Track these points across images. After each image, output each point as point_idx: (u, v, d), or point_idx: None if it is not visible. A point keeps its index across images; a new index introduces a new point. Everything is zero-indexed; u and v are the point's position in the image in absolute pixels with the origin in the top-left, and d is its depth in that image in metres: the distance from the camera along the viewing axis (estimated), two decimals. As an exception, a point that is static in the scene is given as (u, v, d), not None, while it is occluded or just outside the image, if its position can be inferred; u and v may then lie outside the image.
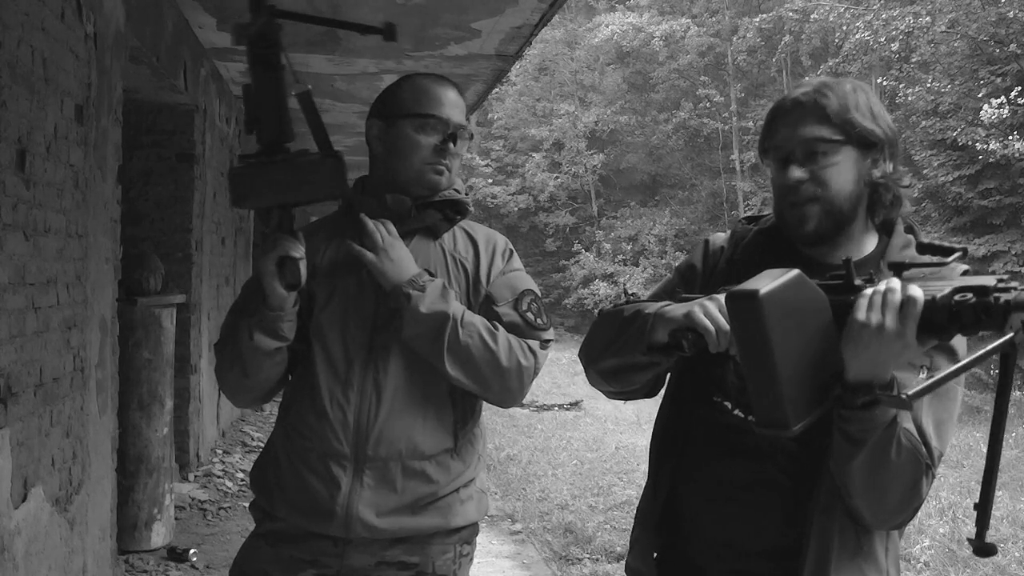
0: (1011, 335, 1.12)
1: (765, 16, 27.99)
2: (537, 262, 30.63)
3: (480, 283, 1.89)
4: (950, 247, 1.40)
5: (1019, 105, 15.65)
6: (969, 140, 16.49)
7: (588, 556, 5.33)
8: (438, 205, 1.90)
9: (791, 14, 26.40)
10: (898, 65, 20.25)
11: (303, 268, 1.73)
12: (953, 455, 8.99)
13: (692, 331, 1.37)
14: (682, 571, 1.57)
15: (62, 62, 3.20)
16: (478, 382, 1.80)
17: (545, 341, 1.88)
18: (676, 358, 1.47)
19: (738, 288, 1.24)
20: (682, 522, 1.57)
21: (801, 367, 1.24)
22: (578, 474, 7.87)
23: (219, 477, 6.36)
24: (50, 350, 3.15)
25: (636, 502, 1.73)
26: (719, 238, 1.68)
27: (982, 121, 16.17)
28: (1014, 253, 16.57)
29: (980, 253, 16.64)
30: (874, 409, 1.26)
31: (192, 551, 4.71)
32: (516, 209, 31.62)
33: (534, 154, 32.22)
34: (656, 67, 30.80)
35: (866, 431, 1.28)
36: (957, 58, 18.46)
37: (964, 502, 6.71)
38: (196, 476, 6.25)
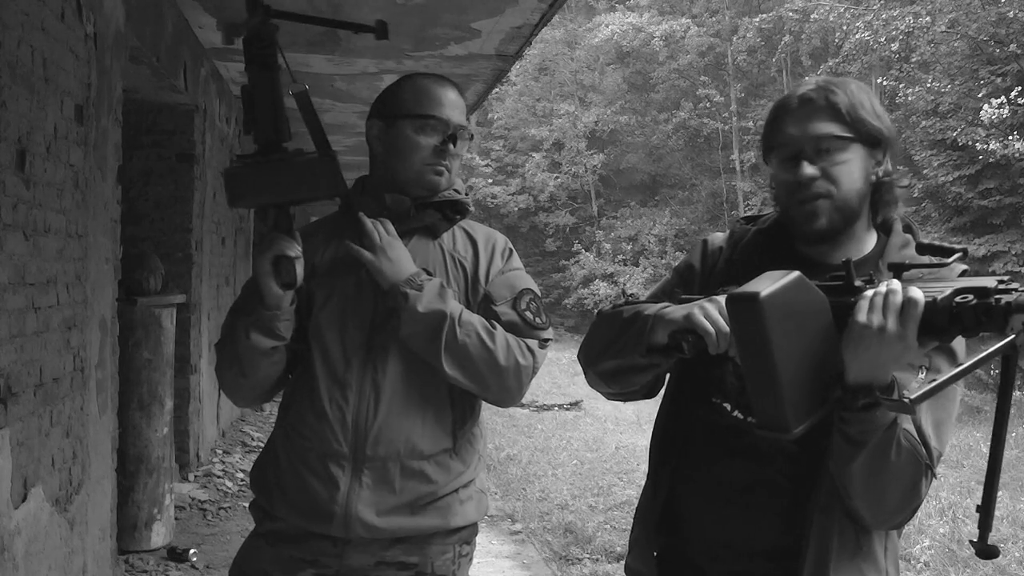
0: (1012, 337, 1.12)
1: (765, 16, 28.00)
2: (537, 262, 30.63)
3: (479, 282, 1.89)
4: (950, 248, 1.40)
5: (1019, 105, 15.65)
6: (969, 140, 16.49)
7: (588, 556, 5.33)
8: (438, 205, 1.90)
9: (791, 14, 26.40)
10: (898, 65, 20.25)
11: (299, 267, 1.74)
12: (953, 455, 8.99)
13: (692, 333, 1.37)
14: (682, 572, 1.57)
15: (62, 62, 3.20)
16: (476, 381, 1.80)
17: (544, 340, 1.88)
18: (675, 359, 1.47)
19: (739, 290, 1.24)
20: (682, 523, 1.57)
21: (801, 369, 1.24)
22: (578, 474, 7.87)
23: (219, 477, 6.36)
24: (50, 350, 3.15)
25: (636, 502, 1.73)
26: (717, 238, 1.68)
27: (982, 121, 16.17)
28: (1014, 253, 16.58)
29: (980, 253, 16.64)
30: (874, 411, 1.26)
31: (192, 551, 4.71)
32: (516, 209, 31.63)
33: (534, 154, 32.23)
34: (656, 67, 30.81)
35: (866, 432, 1.28)
36: (957, 58, 18.46)
37: (964, 502, 6.71)
38: (196, 476, 6.25)
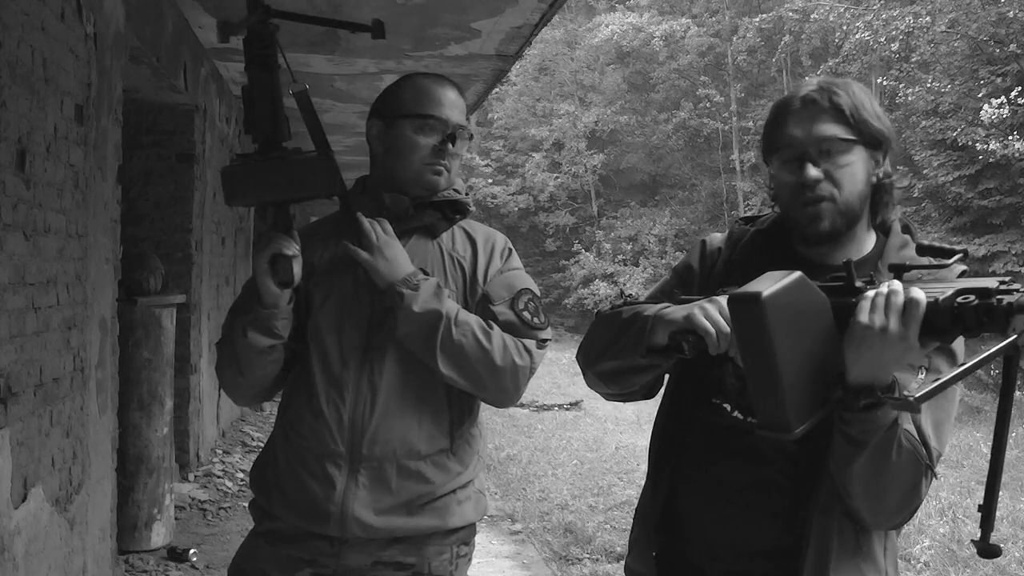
0: (1014, 337, 1.12)
1: (765, 16, 27.99)
2: (537, 262, 30.63)
3: (477, 282, 1.89)
4: (950, 249, 1.40)
5: (1019, 105, 15.65)
6: (969, 140, 16.49)
7: (588, 556, 5.33)
8: (437, 205, 1.90)
9: (791, 14, 26.40)
10: (898, 65, 20.24)
11: (297, 266, 1.74)
12: (953, 455, 8.99)
13: (692, 333, 1.37)
14: (682, 572, 1.57)
15: (62, 62, 3.20)
16: (472, 381, 1.80)
17: (542, 340, 1.87)
18: (675, 360, 1.47)
19: (740, 290, 1.24)
20: (681, 523, 1.57)
21: (803, 369, 1.24)
22: (578, 474, 7.87)
23: (219, 477, 6.36)
24: (50, 350, 3.14)
25: (636, 502, 1.73)
26: (716, 239, 1.68)
27: (982, 121, 16.18)
28: (1014, 253, 16.58)
29: (980, 253, 16.65)
30: (875, 411, 1.26)
31: (192, 551, 4.71)
32: (516, 209, 31.63)
33: (534, 154, 32.23)
34: (656, 67, 30.81)
35: (867, 433, 1.28)
36: (957, 58, 18.46)
37: (964, 502, 6.71)
38: (196, 476, 6.25)
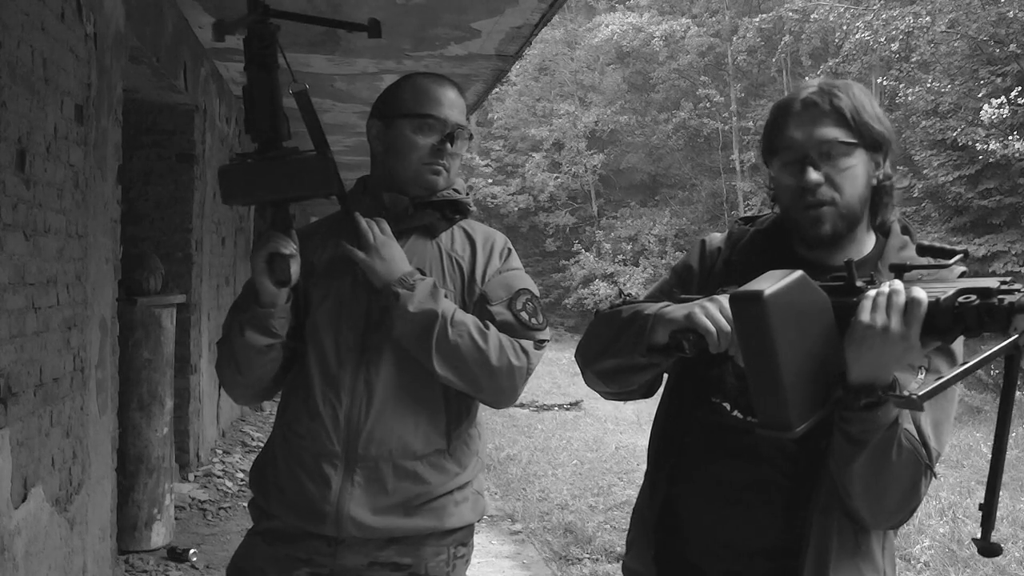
0: (1015, 337, 1.12)
1: (765, 16, 28.00)
2: (537, 262, 30.64)
3: (475, 282, 1.88)
4: (951, 249, 1.40)
5: (1019, 105, 15.65)
6: (969, 140, 16.50)
7: (588, 556, 5.33)
8: (437, 204, 1.90)
9: (791, 14, 26.40)
10: (898, 65, 20.25)
11: (295, 265, 1.75)
12: (953, 455, 8.99)
13: (693, 332, 1.37)
14: (681, 571, 1.57)
15: (62, 62, 3.20)
16: (468, 381, 1.79)
17: (540, 341, 1.86)
18: (675, 359, 1.47)
19: (742, 289, 1.24)
20: (680, 523, 1.57)
21: (804, 368, 1.24)
22: (578, 474, 7.87)
23: (219, 477, 6.36)
24: (50, 350, 3.14)
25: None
26: (716, 238, 1.68)
27: (982, 121, 16.18)
28: (1014, 253, 16.58)
29: (980, 253, 16.66)
30: (876, 410, 1.26)
31: (192, 551, 4.71)
32: (516, 209, 31.64)
33: (534, 154, 32.24)
34: (656, 67, 30.82)
35: (868, 432, 1.28)
36: (957, 58, 18.46)
37: (964, 502, 6.71)
38: (196, 476, 6.25)
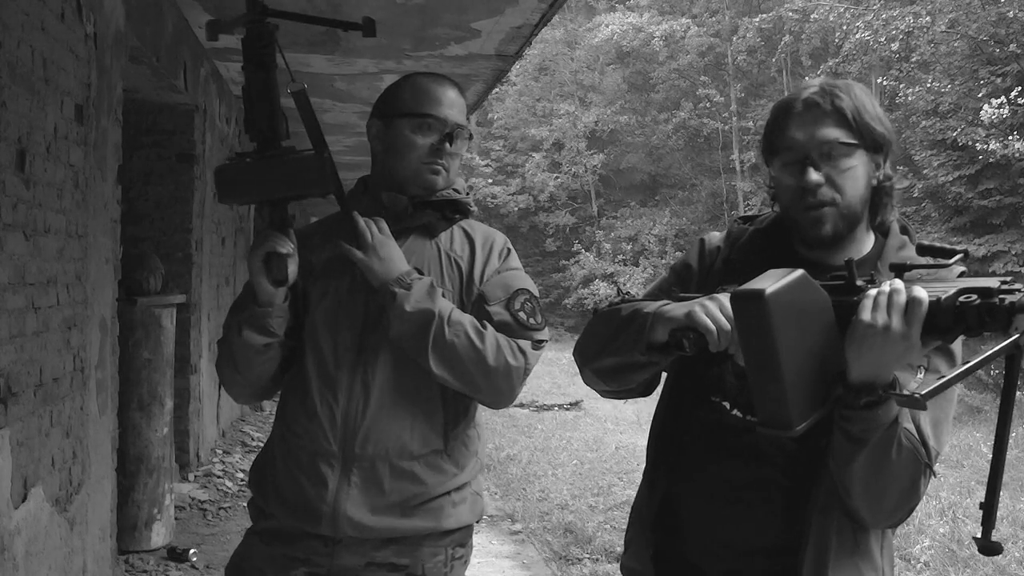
0: (1016, 336, 1.12)
1: (765, 16, 28.01)
2: (537, 262, 30.65)
3: (474, 282, 1.88)
4: (951, 249, 1.40)
5: (1019, 105, 15.66)
6: (969, 140, 16.50)
7: (588, 556, 5.33)
8: (436, 204, 1.90)
9: (791, 14, 26.41)
10: (898, 65, 20.26)
11: (292, 265, 1.75)
12: (953, 455, 9.00)
13: (693, 331, 1.37)
14: (679, 570, 1.57)
15: (62, 62, 3.20)
16: (465, 382, 1.79)
17: (538, 341, 1.86)
18: (674, 358, 1.47)
19: (743, 288, 1.24)
20: (679, 522, 1.57)
21: (804, 367, 1.24)
22: (578, 474, 7.87)
23: (219, 477, 6.36)
24: (50, 350, 3.14)
25: (636, 502, 1.72)
26: (715, 237, 1.68)
27: (982, 121, 16.19)
28: (1014, 253, 16.59)
29: (980, 253, 16.66)
30: (876, 409, 1.26)
31: (192, 551, 4.71)
32: (516, 209, 31.64)
33: (534, 154, 32.24)
34: (656, 67, 30.83)
35: (868, 431, 1.28)
36: (957, 58, 18.47)
37: (964, 502, 6.71)
38: (196, 476, 6.25)
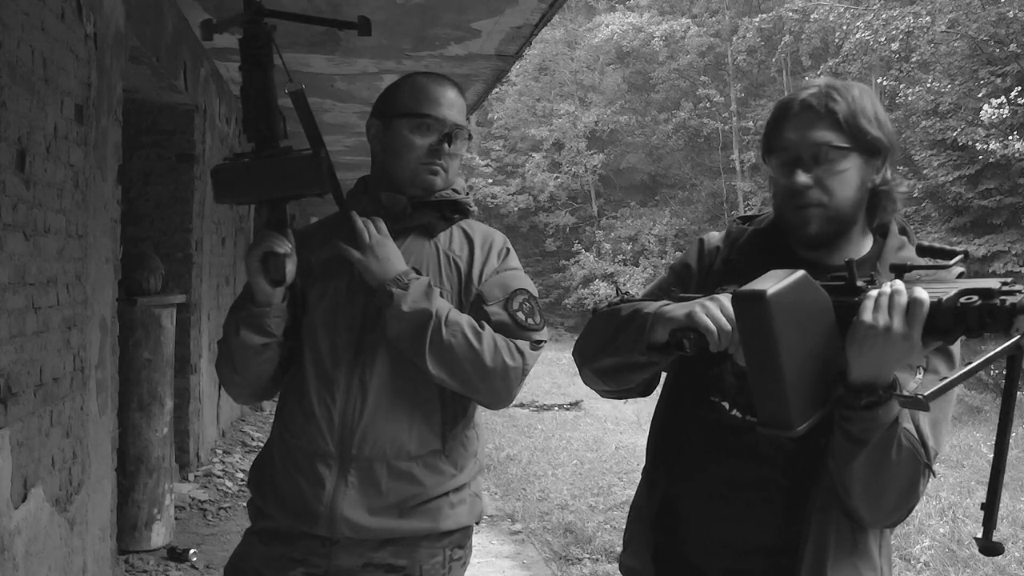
0: (1018, 337, 1.12)
1: (765, 16, 28.02)
2: (537, 262, 30.66)
3: (472, 282, 1.87)
4: (951, 250, 1.40)
5: (1019, 105, 15.66)
6: (969, 140, 16.50)
7: (588, 556, 5.33)
8: (436, 204, 1.89)
9: (791, 14, 26.42)
10: (898, 65, 20.26)
11: (290, 264, 1.75)
12: (953, 455, 9.00)
13: (693, 331, 1.37)
14: (679, 569, 1.57)
15: (62, 62, 3.20)
16: (462, 382, 1.78)
17: (536, 342, 1.85)
18: (674, 358, 1.47)
19: (745, 288, 1.24)
20: (679, 521, 1.57)
21: (805, 367, 1.24)
22: (578, 474, 7.88)
23: (219, 477, 6.36)
24: (50, 350, 3.14)
25: (636, 502, 1.72)
26: (714, 237, 1.68)
27: (982, 121, 16.19)
28: (1014, 253, 16.60)
29: (980, 253, 16.67)
30: (877, 409, 1.26)
31: (192, 551, 4.71)
32: (516, 209, 31.65)
33: (534, 154, 32.25)
34: (656, 67, 30.84)
35: (868, 431, 1.28)
36: (957, 58, 18.47)
37: (964, 502, 6.71)
38: (196, 476, 6.25)
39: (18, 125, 2.81)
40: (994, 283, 1.16)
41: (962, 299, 1.17)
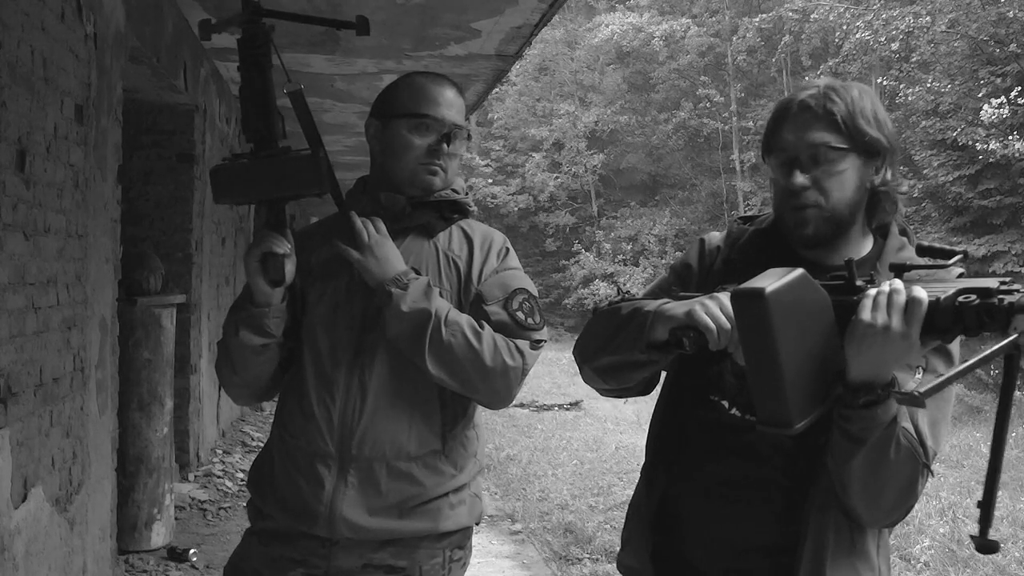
0: (1015, 337, 1.12)
1: (765, 16, 28.04)
2: (537, 262, 30.66)
3: (472, 282, 1.87)
4: (950, 250, 1.40)
5: (1019, 105, 15.67)
6: (969, 140, 16.51)
7: (588, 556, 5.33)
8: (435, 205, 1.89)
9: (791, 14, 26.44)
10: (898, 65, 20.28)
11: (290, 265, 1.75)
12: (953, 455, 9.00)
13: (693, 329, 1.37)
14: (677, 569, 1.57)
15: (62, 62, 3.20)
16: (462, 382, 1.78)
17: (536, 341, 1.85)
18: (674, 356, 1.47)
19: (743, 286, 1.24)
20: (678, 521, 1.57)
21: (804, 366, 1.24)
22: (578, 474, 7.88)
23: (219, 477, 6.36)
24: (50, 350, 3.14)
25: (636, 501, 1.72)
26: (715, 237, 1.69)
27: (982, 121, 16.20)
28: (1014, 253, 16.61)
29: (980, 253, 16.68)
30: (875, 408, 1.26)
31: (192, 551, 4.71)
32: (516, 209, 31.65)
33: (534, 154, 32.25)
34: (656, 67, 30.85)
35: (866, 430, 1.29)
36: (957, 58, 18.48)
37: (964, 502, 6.71)
38: (196, 476, 6.25)
39: (18, 125, 2.81)
40: (992, 283, 1.17)
41: (960, 298, 1.17)
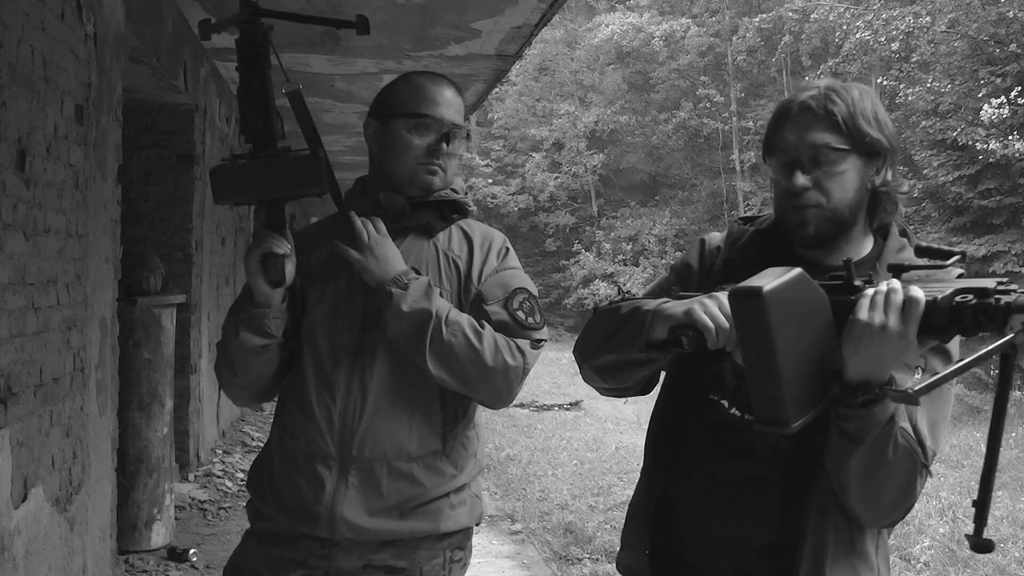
0: (1011, 336, 1.12)
1: (765, 16, 28.03)
2: (537, 262, 30.65)
3: (472, 281, 1.87)
4: (949, 251, 1.41)
5: (1019, 105, 15.66)
6: (969, 140, 16.50)
7: (588, 556, 5.33)
8: (435, 204, 1.89)
9: (791, 14, 26.43)
10: (898, 65, 20.27)
11: (289, 265, 1.75)
12: (953, 455, 9.00)
13: (692, 328, 1.37)
14: (676, 568, 1.57)
15: (62, 62, 3.20)
16: (463, 382, 1.78)
17: (536, 341, 1.85)
18: (673, 355, 1.47)
19: (741, 285, 1.25)
20: (677, 520, 1.58)
21: (802, 365, 1.24)
22: (578, 474, 7.88)
23: (219, 477, 6.37)
24: (50, 350, 3.15)
25: (635, 501, 1.72)
26: (715, 237, 1.69)
27: (982, 121, 16.19)
28: (1014, 253, 16.60)
29: (980, 253, 16.67)
30: (873, 407, 1.27)
31: (192, 551, 4.71)
32: (516, 209, 31.65)
33: (534, 154, 32.25)
34: (656, 67, 30.85)
35: (864, 429, 1.29)
36: (957, 58, 18.47)
37: (964, 502, 6.71)
38: (196, 476, 6.25)
39: (18, 125, 2.81)
40: (990, 282, 1.17)
41: (957, 298, 1.17)
